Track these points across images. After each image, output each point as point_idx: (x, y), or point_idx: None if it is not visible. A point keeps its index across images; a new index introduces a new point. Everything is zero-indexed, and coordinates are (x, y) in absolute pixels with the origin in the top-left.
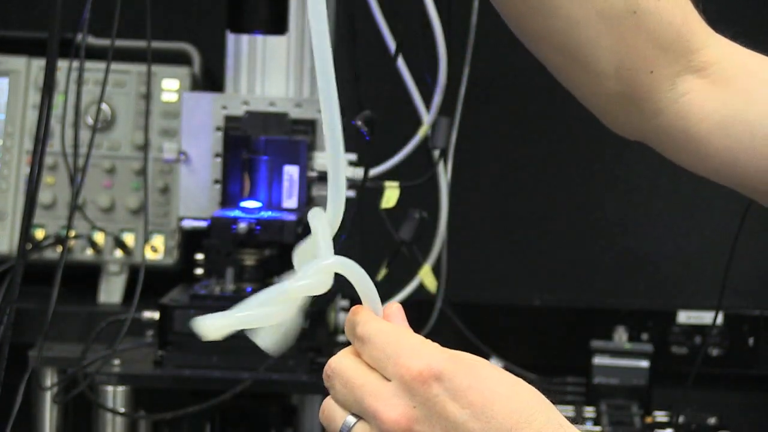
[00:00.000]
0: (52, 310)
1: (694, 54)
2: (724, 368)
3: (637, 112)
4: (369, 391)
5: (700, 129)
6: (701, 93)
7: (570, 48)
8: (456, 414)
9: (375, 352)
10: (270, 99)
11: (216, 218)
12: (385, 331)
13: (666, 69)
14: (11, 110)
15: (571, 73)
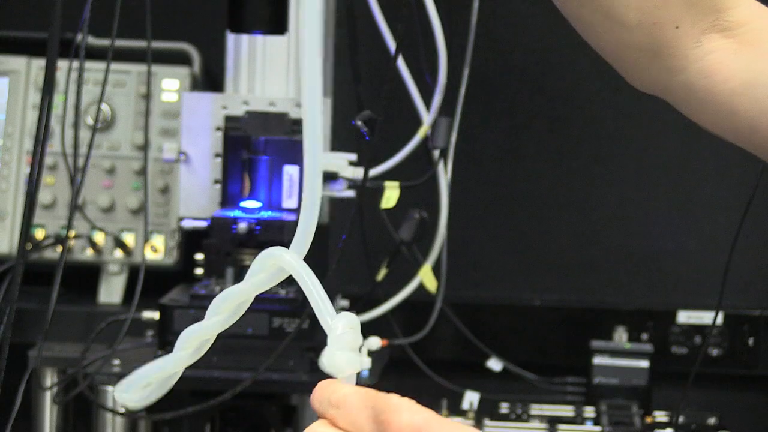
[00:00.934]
0: (52, 310)
1: (722, 13)
2: (724, 368)
3: (660, 68)
4: None
5: (723, 89)
6: (727, 53)
7: (599, 3)
8: None
9: (353, 414)
10: (270, 99)
11: (216, 218)
12: (361, 392)
13: (692, 25)
14: (11, 110)
15: (596, 25)
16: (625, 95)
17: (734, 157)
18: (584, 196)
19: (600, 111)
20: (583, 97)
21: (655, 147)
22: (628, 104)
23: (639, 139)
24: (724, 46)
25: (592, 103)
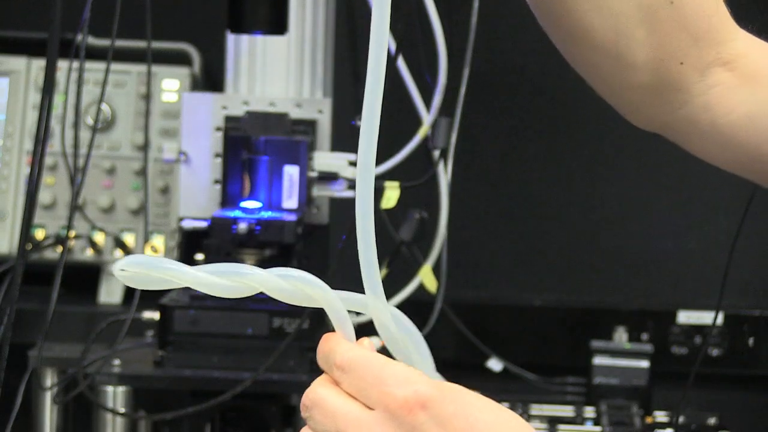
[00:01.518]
0: (52, 310)
1: (722, 46)
2: (725, 368)
3: (663, 103)
4: (352, 421)
5: (726, 121)
6: (729, 86)
7: (606, 43)
8: None
9: (357, 380)
10: (270, 99)
11: (216, 218)
12: (367, 357)
13: (696, 60)
14: (11, 110)
15: (602, 68)
16: None
17: None
18: (584, 196)
19: (600, 111)
20: (584, 98)
21: (655, 147)
22: None
23: (639, 140)
24: (725, 79)
25: (593, 104)
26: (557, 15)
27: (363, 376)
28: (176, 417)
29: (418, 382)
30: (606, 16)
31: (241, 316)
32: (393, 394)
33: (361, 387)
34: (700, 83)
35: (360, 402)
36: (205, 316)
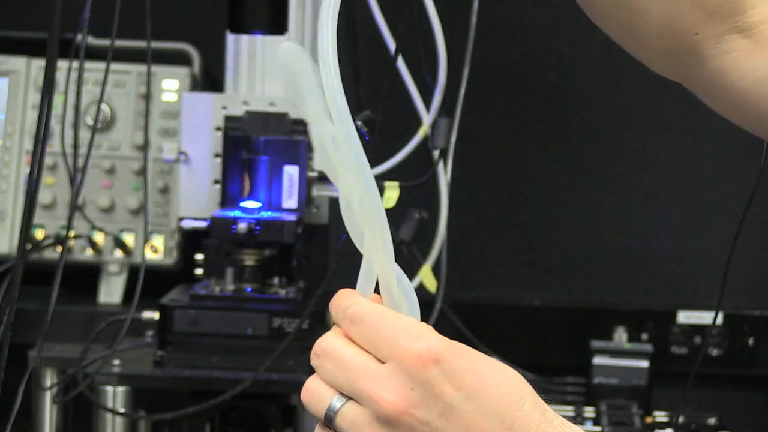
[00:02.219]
0: (52, 310)
1: (740, 15)
2: (724, 368)
3: (679, 63)
4: (364, 372)
5: (739, 86)
6: (744, 52)
7: (621, 18)
8: (452, 395)
9: (369, 332)
10: (270, 99)
11: (216, 218)
12: (380, 311)
13: (711, 30)
14: (11, 110)
15: (621, 36)
16: (625, 95)
17: (734, 157)
18: (584, 196)
19: (600, 111)
20: (583, 98)
21: (655, 147)
22: (629, 105)
23: (639, 140)
24: (740, 46)
25: (592, 104)
26: None
27: (376, 329)
28: (176, 417)
29: (431, 337)
30: (624, 7)
31: (241, 316)
32: (406, 347)
33: (372, 339)
34: (715, 49)
35: (371, 354)
36: (205, 316)
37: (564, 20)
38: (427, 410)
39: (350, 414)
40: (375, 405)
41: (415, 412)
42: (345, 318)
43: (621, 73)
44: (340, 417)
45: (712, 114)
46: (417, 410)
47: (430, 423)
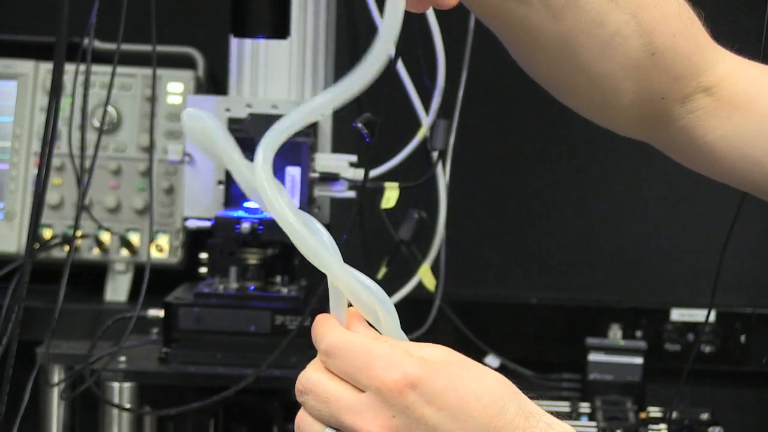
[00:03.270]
0: (60, 308)
1: (702, 76)
2: (717, 365)
3: (648, 127)
4: (345, 406)
5: (705, 141)
6: (707, 110)
7: (594, 96)
8: (434, 417)
9: (344, 365)
10: (272, 102)
11: (219, 218)
12: (351, 342)
13: (677, 93)
14: (19, 113)
15: (592, 111)
16: None
17: None
18: (580, 197)
19: None
20: None
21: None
22: None
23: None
24: (704, 105)
25: None
26: (549, 76)
27: (350, 362)
28: (181, 412)
29: (405, 363)
30: (592, 78)
31: (244, 314)
32: (381, 377)
33: (349, 372)
34: (681, 109)
35: (350, 385)
36: (208, 313)
37: None
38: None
39: None
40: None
41: None
42: (321, 351)
43: None
44: None
45: None
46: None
47: None
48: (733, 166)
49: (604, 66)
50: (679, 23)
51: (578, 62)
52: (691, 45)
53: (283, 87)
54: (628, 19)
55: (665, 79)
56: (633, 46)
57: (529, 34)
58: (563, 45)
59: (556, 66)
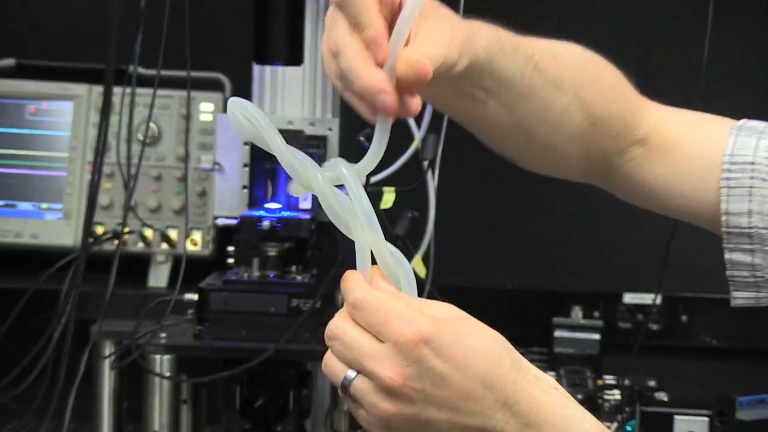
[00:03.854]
0: (110, 292)
1: (636, 131)
2: (662, 341)
3: (593, 175)
4: (367, 353)
5: (642, 183)
6: (642, 158)
7: (546, 161)
8: (441, 367)
9: (368, 317)
10: (288, 119)
11: (244, 217)
12: (375, 298)
13: (616, 148)
14: (75, 128)
15: (544, 170)
16: None
17: None
18: (549, 199)
19: None
20: None
21: None
22: None
23: None
24: (639, 154)
25: None
26: (502, 147)
27: (373, 315)
28: (212, 380)
29: (420, 321)
30: (543, 148)
31: (265, 297)
32: (400, 331)
33: (371, 324)
34: (620, 159)
35: (371, 335)
36: (235, 297)
37: None
38: (420, 381)
39: (360, 385)
40: (378, 380)
41: (411, 383)
42: (348, 303)
43: None
44: (352, 388)
45: None
46: (413, 382)
47: (424, 391)
48: (669, 201)
49: (554, 139)
50: (613, 93)
51: (531, 140)
52: (624, 107)
53: (297, 106)
54: (571, 99)
55: (605, 140)
56: (577, 120)
57: (488, 125)
58: (518, 130)
59: (513, 144)
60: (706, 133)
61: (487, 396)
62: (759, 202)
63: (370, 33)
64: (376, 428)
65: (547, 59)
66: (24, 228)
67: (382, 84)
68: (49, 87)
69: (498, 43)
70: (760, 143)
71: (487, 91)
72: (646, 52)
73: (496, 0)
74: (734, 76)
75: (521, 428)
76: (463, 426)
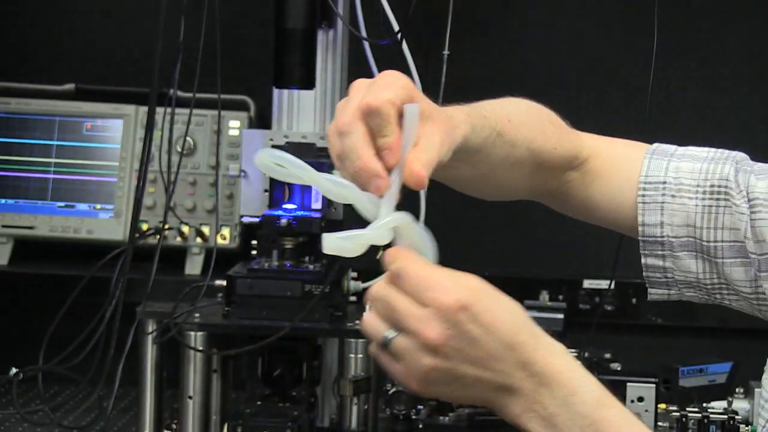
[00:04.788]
0: (152, 279)
1: (572, 161)
2: (616, 320)
3: (535, 196)
4: (411, 314)
5: (577, 202)
6: (576, 181)
7: (497, 193)
8: (476, 331)
9: (410, 285)
10: (302, 134)
11: (265, 216)
12: (420, 267)
13: (554, 176)
14: (124, 142)
15: (490, 198)
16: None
17: None
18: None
19: None
20: None
21: None
22: None
23: None
24: (575, 177)
25: None
26: (460, 186)
27: (416, 281)
28: (238, 353)
29: (459, 289)
30: (498, 186)
31: (282, 283)
32: (441, 299)
33: (414, 290)
34: (558, 182)
35: (412, 299)
36: (258, 283)
37: (518, 69)
38: (458, 341)
39: (402, 342)
40: (421, 338)
41: (451, 343)
42: (391, 271)
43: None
44: (394, 344)
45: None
46: (452, 341)
47: (461, 350)
48: (597, 214)
49: (508, 179)
50: (555, 137)
51: (488, 183)
52: (565, 146)
53: (309, 123)
54: (523, 152)
55: (548, 173)
56: (527, 165)
57: (451, 180)
58: (480, 179)
59: (470, 187)
60: (626, 157)
61: (509, 357)
62: (669, 215)
63: (389, 141)
64: (415, 380)
65: (505, 124)
66: (81, 225)
67: (380, 171)
68: (103, 107)
69: (472, 130)
70: (670, 165)
71: (458, 160)
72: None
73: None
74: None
75: (536, 386)
76: (488, 381)
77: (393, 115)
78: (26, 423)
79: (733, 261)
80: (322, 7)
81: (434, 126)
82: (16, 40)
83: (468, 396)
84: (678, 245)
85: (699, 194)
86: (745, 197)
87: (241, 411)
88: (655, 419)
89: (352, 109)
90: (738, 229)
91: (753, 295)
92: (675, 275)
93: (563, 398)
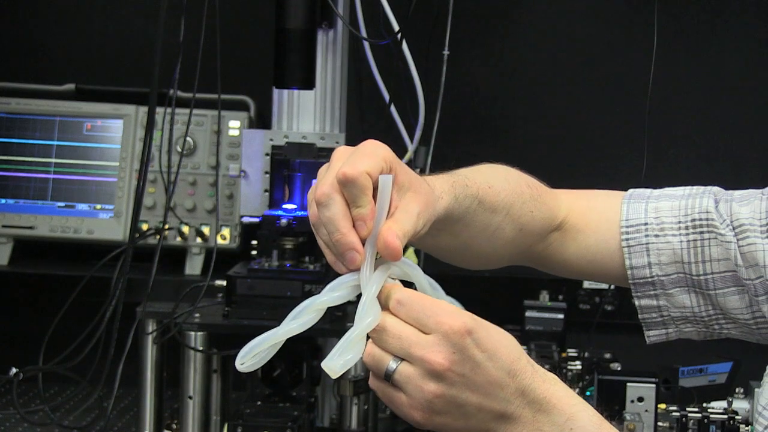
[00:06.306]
0: (153, 279)
1: (552, 223)
2: (615, 319)
3: (516, 262)
4: (415, 342)
5: (558, 260)
6: (558, 241)
7: (480, 262)
8: (479, 356)
9: (414, 313)
10: (303, 134)
11: (265, 216)
12: (420, 295)
13: (536, 238)
14: (124, 142)
15: (475, 268)
16: (561, 129)
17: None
18: None
19: (542, 143)
20: (526, 132)
21: (563, 169)
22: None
23: (560, 163)
24: (556, 237)
25: (533, 136)
26: (445, 256)
27: (420, 310)
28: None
29: (464, 315)
30: (480, 256)
31: (282, 283)
32: (447, 323)
33: (417, 317)
34: (539, 245)
35: (416, 328)
36: (258, 283)
37: (512, 74)
38: (462, 366)
39: (405, 371)
40: (426, 364)
41: (455, 368)
42: (394, 301)
43: (559, 114)
44: (397, 373)
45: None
46: (456, 367)
47: (464, 375)
48: (582, 269)
49: (490, 248)
50: (533, 202)
51: (470, 251)
52: (543, 209)
53: (309, 123)
54: (503, 217)
55: (530, 238)
56: (507, 231)
57: (434, 249)
58: (461, 248)
59: (454, 256)
60: (604, 207)
61: (510, 384)
62: (656, 254)
63: (363, 212)
64: (418, 410)
65: (486, 191)
66: (81, 225)
67: (356, 244)
68: (103, 107)
69: (455, 199)
70: (649, 206)
71: (438, 230)
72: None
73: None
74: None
75: (534, 413)
76: (489, 409)
77: (368, 187)
78: (26, 423)
79: (726, 291)
80: (322, 7)
81: (414, 197)
82: (17, 40)
83: (469, 427)
84: (669, 283)
85: (682, 230)
86: (730, 225)
87: (241, 411)
88: (655, 419)
89: (331, 179)
90: (728, 258)
91: (752, 321)
92: (671, 312)
93: (562, 424)
